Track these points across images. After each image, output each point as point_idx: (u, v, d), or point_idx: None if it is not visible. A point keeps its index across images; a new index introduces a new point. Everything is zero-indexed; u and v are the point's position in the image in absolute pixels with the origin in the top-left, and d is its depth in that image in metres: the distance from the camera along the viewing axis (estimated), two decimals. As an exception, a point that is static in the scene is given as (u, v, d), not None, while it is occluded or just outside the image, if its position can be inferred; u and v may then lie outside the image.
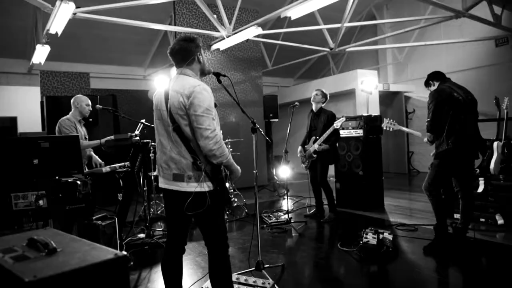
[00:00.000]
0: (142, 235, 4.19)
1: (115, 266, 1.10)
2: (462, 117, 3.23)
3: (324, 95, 4.74)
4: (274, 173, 7.79)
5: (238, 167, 2.16)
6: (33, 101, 7.76)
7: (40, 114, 6.77)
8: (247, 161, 6.99)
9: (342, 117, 4.52)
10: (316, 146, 4.53)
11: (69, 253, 1.17)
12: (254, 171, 2.89)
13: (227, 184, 4.84)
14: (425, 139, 3.65)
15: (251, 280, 2.71)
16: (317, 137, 4.59)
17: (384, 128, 4.07)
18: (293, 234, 4.21)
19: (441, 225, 3.40)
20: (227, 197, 2.07)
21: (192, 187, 1.99)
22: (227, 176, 2.27)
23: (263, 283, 2.64)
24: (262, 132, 2.93)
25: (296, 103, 4.65)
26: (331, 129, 4.46)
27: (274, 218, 4.77)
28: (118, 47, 9.13)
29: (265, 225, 4.55)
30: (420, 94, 9.31)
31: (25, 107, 7.99)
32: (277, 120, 6.81)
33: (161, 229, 4.52)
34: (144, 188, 4.91)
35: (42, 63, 7.02)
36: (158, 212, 5.40)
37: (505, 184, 4.06)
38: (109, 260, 1.10)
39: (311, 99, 4.78)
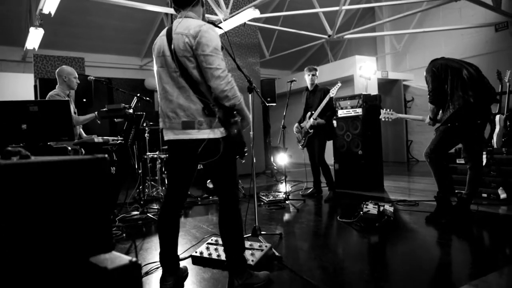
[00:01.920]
0: (135, 212, 4.09)
1: (94, 165, 1.00)
2: (463, 78, 3.13)
3: (317, 71, 4.67)
4: (272, 160, 7.69)
5: (249, 115, 2.05)
6: (27, 88, 7.63)
7: (34, 99, 6.65)
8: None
9: (338, 83, 4.47)
10: (311, 120, 4.42)
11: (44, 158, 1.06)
12: (251, 133, 2.78)
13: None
14: (427, 120, 3.51)
15: (247, 243, 2.60)
16: (313, 112, 4.49)
17: (383, 119, 4.00)
18: (291, 210, 4.10)
19: (443, 194, 3.29)
20: (241, 143, 1.95)
21: (203, 133, 1.88)
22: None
23: (260, 246, 2.54)
24: (258, 93, 2.82)
25: (294, 78, 4.56)
26: (327, 98, 4.39)
27: (271, 197, 4.67)
28: (114, 35, 9.02)
29: (262, 203, 4.44)
30: (419, 83, 9.24)
31: (19, 93, 7.85)
32: (274, 104, 6.70)
33: (156, 207, 4.41)
34: (139, 171, 4.80)
35: (36, 48, 6.90)
36: (153, 194, 5.29)
37: (508, 157, 3.97)
38: (86, 159, 0.99)
39: (308, 81, 4.66)
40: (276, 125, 9.78)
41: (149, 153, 5.22)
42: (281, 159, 7.11)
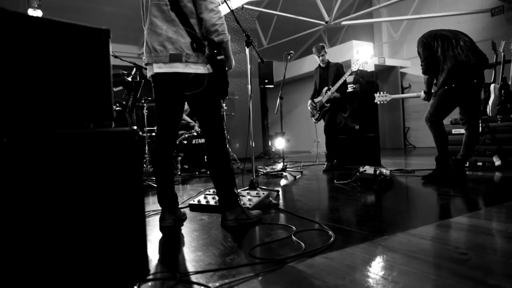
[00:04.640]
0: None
1: (96, 35, 1.03)
2: (453, 42, 3.17)
3: (325, 48, 4.76)
4: (270, 144, 7.73)
5: (233, 58, 2.10)
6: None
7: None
8: (242, 133, 6.92)
9: (359, 59, 4.59)
10: (329, 93, 4.55)
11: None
12: (248, 85, 2.82)
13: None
14: (422, 95, 3.53)
15: (244, 192, 2.63)
16: (330, 87, 4.62)
17: (378, 102, 4.06)
18: (288, 178, 4.13)
19: (443, 156, 3.31)
20: (225, 82, 1.99)
21: (190, 68, 1.92)
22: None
23: (257, 193, 2.57)
24: (255, 46, 2.86)
25: (291, 51, 4.60)
26: (347, 74, 4.58)
27: (269, 169, 4.69)
28: (112, 22, 9.03)
29: (260, 174, 4.47)
30: (415, 70, 9.29)
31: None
32: (272, 86, 6.72)
33: (153, 178, 4.43)
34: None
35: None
36: (151, 170, 5.29)
37: (502, 124, 4.01)
38: (90, 27, 1.03)
39: (320, 60, 4.79)
40: (274, 116, 9.82)
41: (148, 128, 5.23)
42: (279, 143, 7.14)
